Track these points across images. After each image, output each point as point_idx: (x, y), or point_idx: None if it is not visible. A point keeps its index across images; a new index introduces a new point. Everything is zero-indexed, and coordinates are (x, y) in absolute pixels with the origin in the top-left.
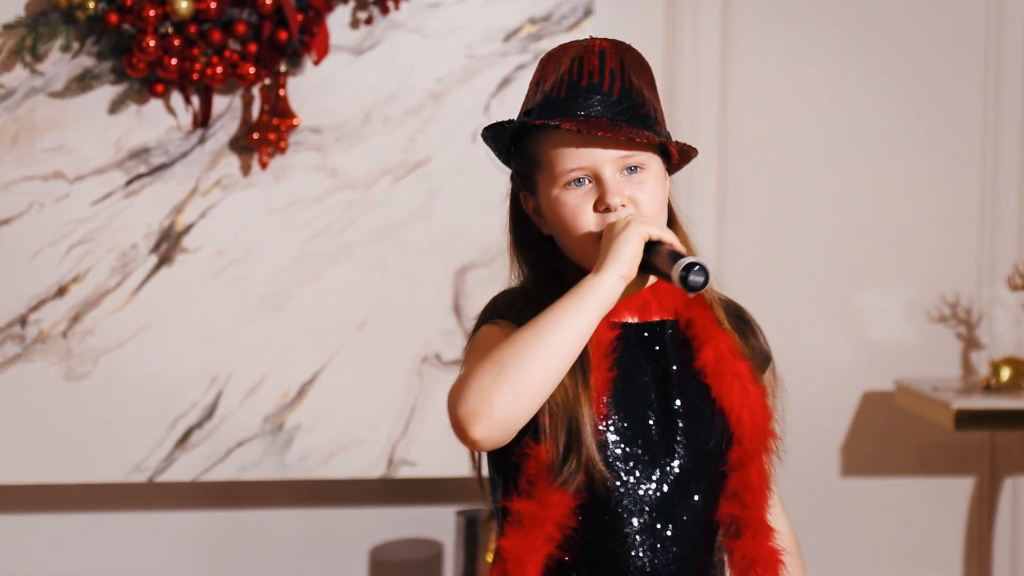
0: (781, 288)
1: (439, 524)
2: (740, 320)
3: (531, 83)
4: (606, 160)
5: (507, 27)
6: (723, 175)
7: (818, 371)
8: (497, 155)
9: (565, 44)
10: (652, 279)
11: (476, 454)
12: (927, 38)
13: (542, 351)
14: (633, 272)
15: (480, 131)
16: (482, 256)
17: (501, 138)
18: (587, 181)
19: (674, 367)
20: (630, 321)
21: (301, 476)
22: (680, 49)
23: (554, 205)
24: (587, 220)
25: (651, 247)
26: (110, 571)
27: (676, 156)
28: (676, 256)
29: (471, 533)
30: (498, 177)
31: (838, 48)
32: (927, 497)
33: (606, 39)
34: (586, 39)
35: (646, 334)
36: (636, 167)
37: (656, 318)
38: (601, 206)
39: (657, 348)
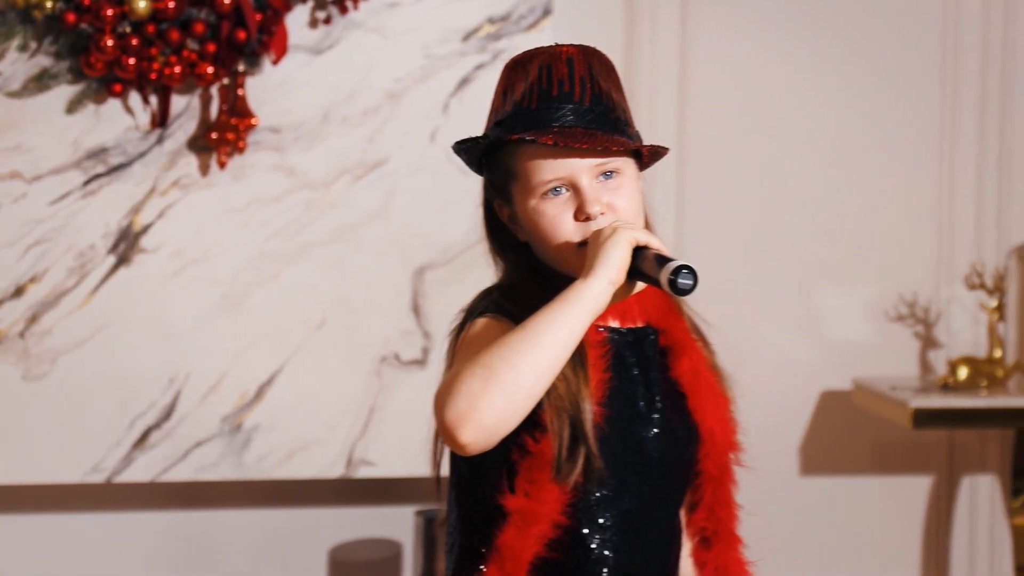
0: (740, 287)
1: (398, 524)
2: (703, 338)
3: (497, 91)
4: (582, 169)
5: (465, 27)
6: (682, 173)
7: (776, 370)
8: (469, 166)
9: (530, 51)
10: (640, 286)
11: (436, 454)
12: (886, 40)
13: (532, 356)
14: (622, 277)
15: (438, 129)
16: (441, 256)
17: (473, 151)
18: (564, 190)
19: (653, 373)
20: (613, 325)
21: (260, 476)
22: (639, 48)
23: (532, 216)
24: (568, 230)
25: (638, 252)
26: (68, 572)
27: (647, 155)
28: (663, 260)
29: (430, 533)
30: (457, 177)
31: (797, 48)
32: (885, 496)
33: (572, 45)
34: (551, 46)
35: (632, 339)
36: (612, 172)
37: (639, 323)
38: (581, 215)
39: (641, 354)
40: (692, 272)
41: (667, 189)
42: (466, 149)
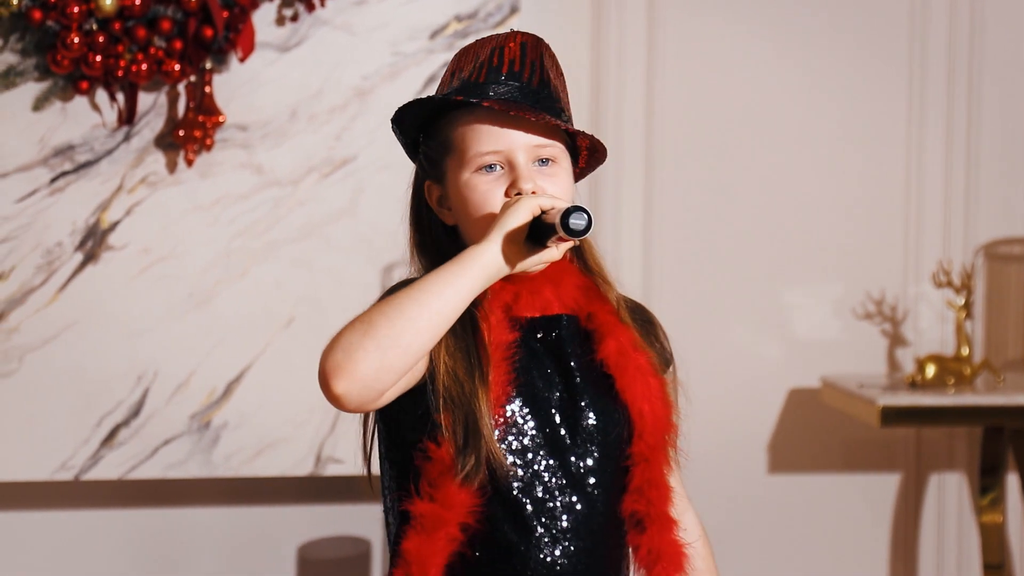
0: (707, 285)
1: (367, 521)
2: (644, 320)
3: (446, 74)
4: (521, 145)
5: (433, 24)
6: (650, 173)
7: (744, 368)
8: (403, 143)
9: (483, 37)
10: (545, 262)
11: (366, 452)
12: (852, 39)
13: (412, 312)
14: (515, 241)
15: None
16: (408, 254)
17: (413, 120)
18: (499, 167)
19: (572, 361)
20: (534, 316)
21: (228, 474)
22: (606, 44)
23: (463, 190)
24: (496, 204)
25: (541, 218)
26: (36, 570)
27: (585, 156)
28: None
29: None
30: None
31: (764, 47)
32: (853, 494)
33: (528, 33)
34: (507, 32)
35: (543, 328)
36: (548, 160)
37: (558, 313)
38: (513, 191)
39: (556, 342)
40: (583, 211)
41: (635, 187)
42: (405, 118)
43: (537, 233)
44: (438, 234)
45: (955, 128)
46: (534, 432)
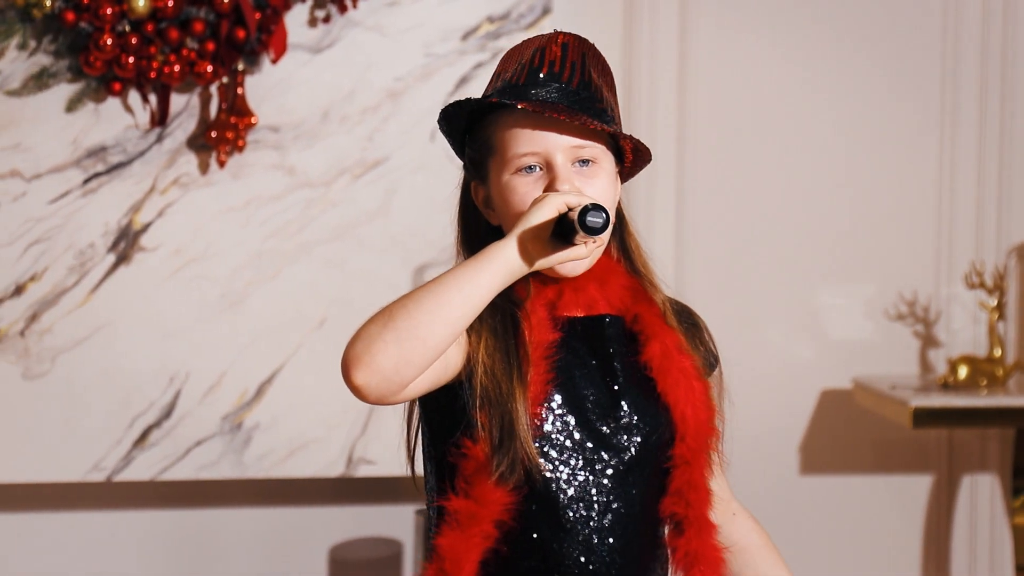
0: (740, 287)
1: (398, 523)
2: (690, 323)
3: (493, 75)
4: (559, 147)
5: (465, 25)
6: (681, 173)
7: (777, 369)
8: (451, 143)
9: (529, 38)
10: (572, 259)
11: (410, 451)
12: (886, 40)
13: (433, 306)
14: (539, 238)
15: (438, 128)
16: (440, 255)
17: (457, 120)
18: (538, 168)
19: (617, 360)
20: (578, 316)
21: (260, 475)
22: (638, 47)
23: (504, 191)
24: None
25: (567, 216)
26: (69, 570)
27: (630, 157)
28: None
29: (430, 531)
30: (456, 176)
31: (797, 48)
32: (885, 495)
33: (571, 34)
34: (550, 32)
35: (585, 327)
36: (588, 160)
37: (603, 313)
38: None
39: (597, 342)
40: (600, 209)
41: (667, 188)
42: (450, 118)
43: (563, 230)
44: (484, 234)
45: (988, 129)
46: (573, 432)
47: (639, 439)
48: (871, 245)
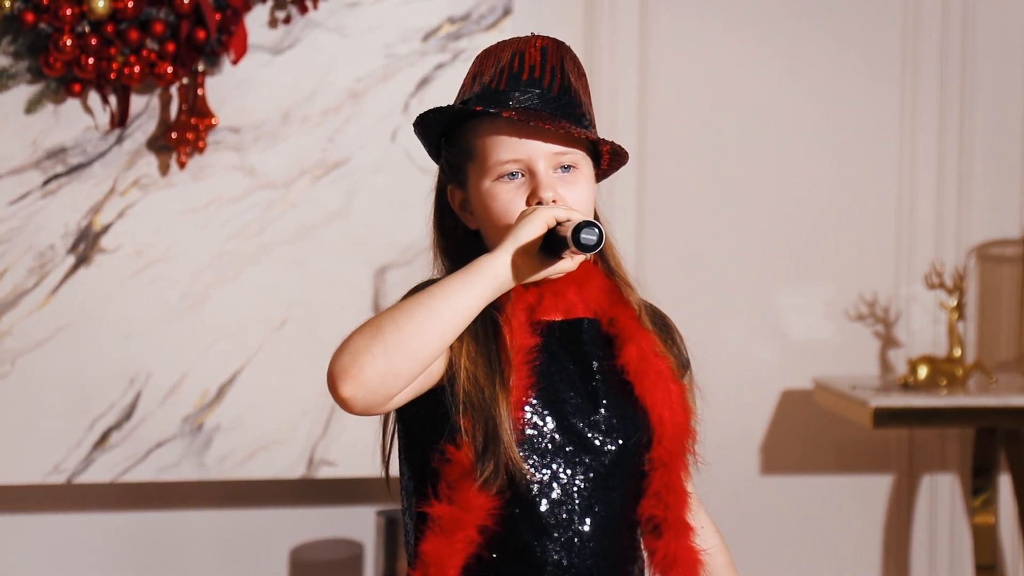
0: (700, 287)
1: (359, 524)
2: (663, 325)
3: (467, 76)
4: (541, 154)
5: (426, 26)
6: (642, 173)
7: (737, 370)
8: (426, 147)
9: (504, 40)
10: (558, 273)
11: (385, 454)
12: (845, 39)
13: (421, 319)
14: (528, 252)
15: (399, 129)
16: (402, 256)
17: (435, 125)
18: (520, 175)
19: (594, 363)
20: (556, 320)
21: (221, 477)
22: (598, 47)
23: (484, 198)
24: (517, 213)
25: (556, 229)
26: (28, 573)
27: (607, 161)
28: (576, 226)
29: (391, 533)
30: (417, 176)
31: (757, 48)
32: (846, 495)
33: (548, 37)
34: (527, 36)
35: (563, 331)
36: (569, 166)
37: (580, 316)
38: (533, 200)
39: (576, 344)
40: (595, 227)
41: (627, 188)
42: (427, 124)
43: (551, 244)
44: (461, 237)
45: (947, 130)
46: (553, 436)
47: (619, 441)
48: (831, 246)
